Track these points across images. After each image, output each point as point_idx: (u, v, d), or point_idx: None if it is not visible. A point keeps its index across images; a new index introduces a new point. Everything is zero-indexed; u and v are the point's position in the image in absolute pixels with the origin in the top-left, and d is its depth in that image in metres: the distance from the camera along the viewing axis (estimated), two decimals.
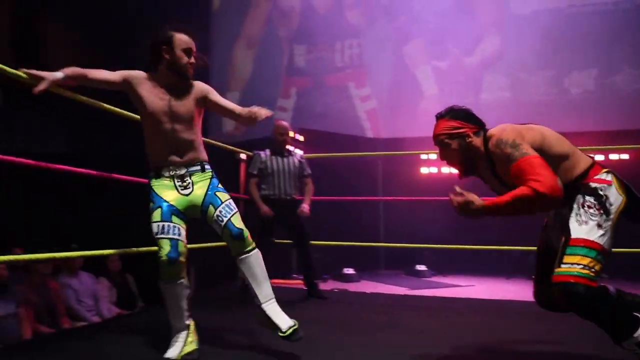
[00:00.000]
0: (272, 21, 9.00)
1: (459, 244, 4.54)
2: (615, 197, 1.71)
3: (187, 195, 2.13)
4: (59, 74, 1.98)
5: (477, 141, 1.84)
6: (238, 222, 2.12)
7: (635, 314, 1.65)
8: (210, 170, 2.24)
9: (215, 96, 2.28)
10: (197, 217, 2.18)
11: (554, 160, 1.72)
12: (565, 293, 1.61)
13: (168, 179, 2.13)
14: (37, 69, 1.97)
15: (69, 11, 8.61)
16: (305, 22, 8.64)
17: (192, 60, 2.16)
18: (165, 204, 2.07)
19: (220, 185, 2.22)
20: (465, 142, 1.84)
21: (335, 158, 5.12)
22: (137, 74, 2.15)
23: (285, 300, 3.69)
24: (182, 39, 2.14)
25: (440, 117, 1.91)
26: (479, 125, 1.87)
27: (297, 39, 8.75)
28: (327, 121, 7.71)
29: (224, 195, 2.17)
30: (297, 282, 4.41)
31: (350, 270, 5.76)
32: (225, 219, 2.09)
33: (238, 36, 9.09)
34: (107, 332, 2.64)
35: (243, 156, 4.37)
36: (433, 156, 6.93)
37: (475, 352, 2.26)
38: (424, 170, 7.38)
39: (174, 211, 2.07)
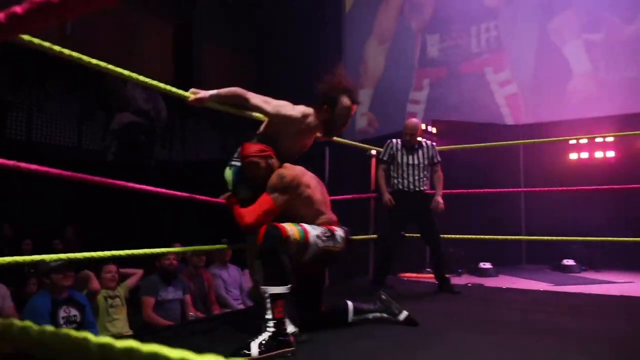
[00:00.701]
0: (403, 14, 8.91)
1: (616, 236, 4.05)
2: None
3: None
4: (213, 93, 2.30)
5: (275, 162, 2.34)
6: None
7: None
8: None
9: None
10: None
11: (303, 199, 2.26)
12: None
13: None
14: (193, 85, 2.31)
15: (220, 27, 9.55)
16: (439, 10, 8.40)
17: (345, 125, 2.40)
18: None
19: None
20: (270, 162, 2.32)
21: (472, 149, 4.87)
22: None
23: (415, 293, 3.70)
24: (345, 106, 2.35)
25: (246, 141, 2.36)
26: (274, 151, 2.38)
27: (430, 28, 8.54)
28: (462, 110, 7.40)
29: None
30: (430, 276, 4.33)
31: (487, 265, 5.43)
32: None
33: (369, 34, 9.18)
34: (250, 319, 2.89)
35: (374, 152, 4.40)
36: (584, 140, 6.23)
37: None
38: (572, 156, 6.66)
39: None
